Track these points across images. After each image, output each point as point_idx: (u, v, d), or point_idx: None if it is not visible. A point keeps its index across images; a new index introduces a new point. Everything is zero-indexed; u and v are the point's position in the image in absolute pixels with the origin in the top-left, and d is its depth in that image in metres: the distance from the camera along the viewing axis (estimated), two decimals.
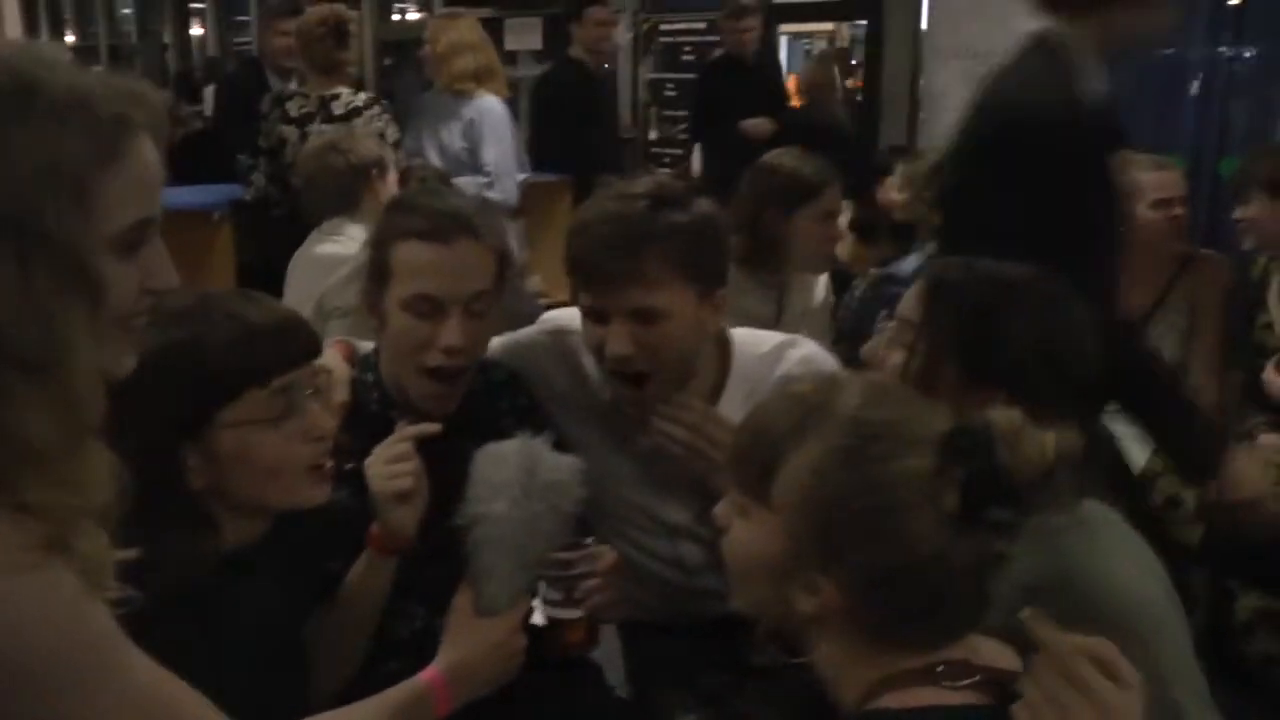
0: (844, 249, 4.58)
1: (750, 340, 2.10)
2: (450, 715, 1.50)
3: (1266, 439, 2.83)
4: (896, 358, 1.64)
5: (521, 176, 5.00)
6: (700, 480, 1.92)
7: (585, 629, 1.71)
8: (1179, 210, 3.36)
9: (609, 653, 2.24)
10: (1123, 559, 1.48)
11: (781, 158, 3.34)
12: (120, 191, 1.06)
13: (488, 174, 4.73)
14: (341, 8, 4.70)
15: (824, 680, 1.25)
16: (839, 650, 1.22)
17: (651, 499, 2.07)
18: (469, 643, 1.50)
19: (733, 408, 1.97)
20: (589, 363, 2.06)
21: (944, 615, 1.18)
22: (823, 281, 3.47)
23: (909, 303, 1.66)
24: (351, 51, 4.68)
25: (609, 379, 1.94)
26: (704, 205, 1.92)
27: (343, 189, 3.55)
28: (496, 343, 2.09)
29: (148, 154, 1.09)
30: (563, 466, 1.56)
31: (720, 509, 1.34)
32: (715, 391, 2.00)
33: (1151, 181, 3.31)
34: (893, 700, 1.15)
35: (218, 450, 1.43)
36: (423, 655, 1.56)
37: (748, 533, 1.27)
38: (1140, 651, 1.36)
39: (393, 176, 3.75)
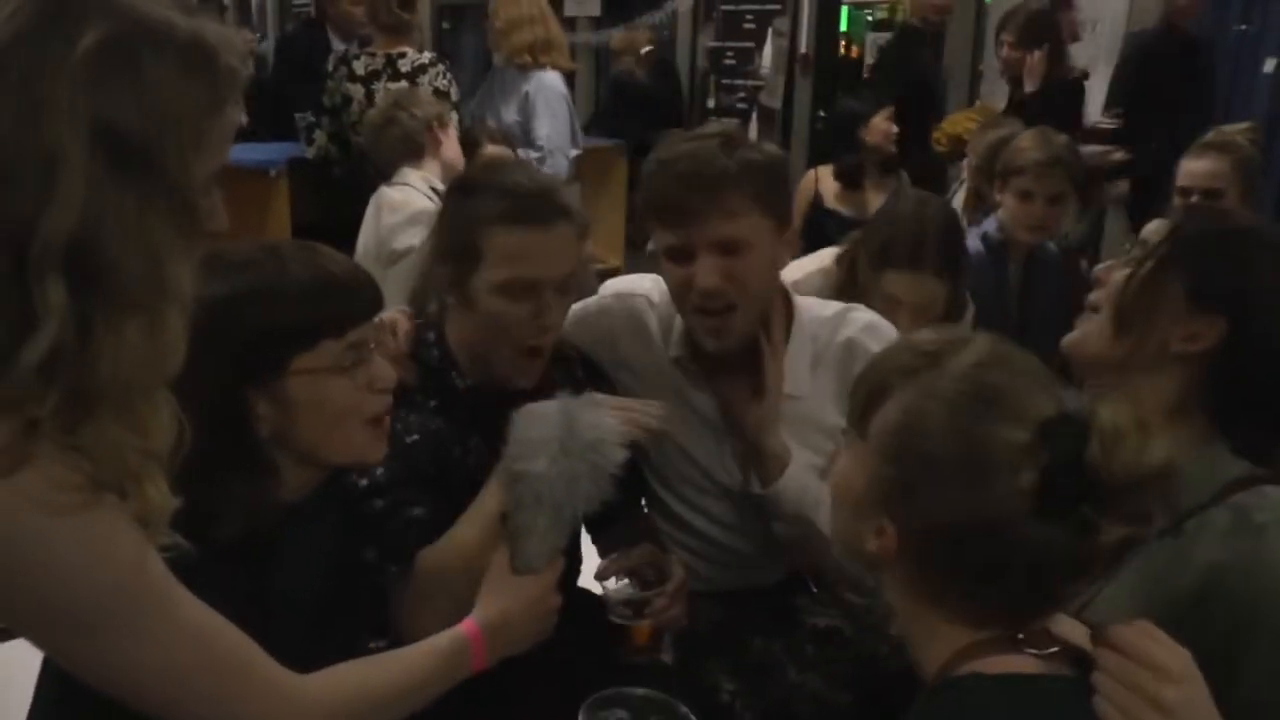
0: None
1: (813, 302, 2.15)
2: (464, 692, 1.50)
3: None
4: (1121, 272, 1.62)
5: (575, 152, 5.00)
6: (757, 441, 1.97)
7: (650, 635, 1.81)
8: (1194, 202, 3.31)
9: None
10: None
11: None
12: (217, 140, 1.10)
13: (539, 148, 4.74)
14: None
15: (905, 641, 1.25)
16: (912, 608, 1.22)
17: (711, 459, 2.09)
18: (505, 599, 1.49)
19: (798, 364, 2.04)
20: (654, 323, 2.12)
21: (1000, 591, 1.16)
22: None
23: (1152, 231, 1.65)
24: (417, 14, 4.74)
25: (693, 318, 1.97)
26: (769, 148, 2.00)
27: (406, 141, 3.84)
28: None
29: (236, 105, 1.13)
30: (602, 426, 1.55)
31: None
32: (781, 344, 2.03)
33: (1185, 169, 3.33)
34: (981, 666, 1.14)
35: (289, 397, 1.43)
36: None
37: (844, 462, 1.29)
38: None
39: (453, 130, 4.00)
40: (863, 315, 2.11)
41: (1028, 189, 3.30)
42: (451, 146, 3.93)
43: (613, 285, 2.25)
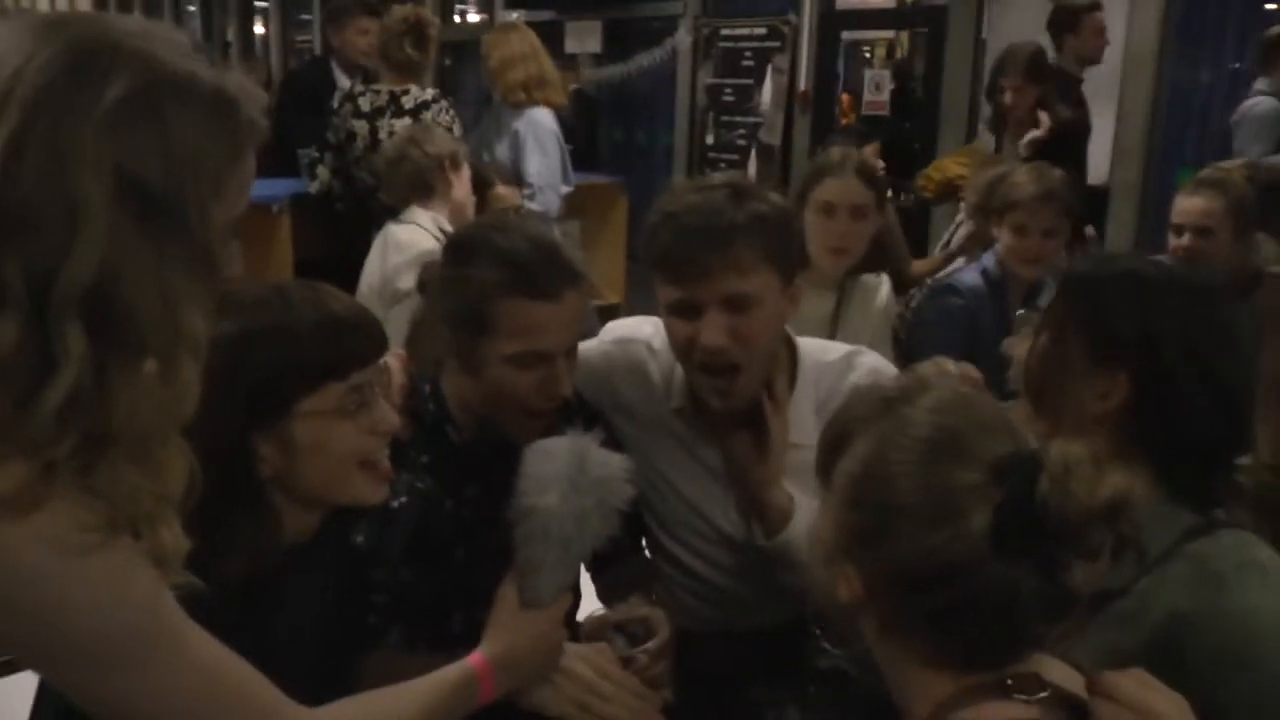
0: None
1: (816, 347, 2.12)
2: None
3: None
4: (1026, 344, 1.64)
5: (566, 189, 5.02)
6: (759, 496, 1.95)
7: None
8: (1186, 240, 3.34)
9: None
10: None
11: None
12: (236, 190, 1.13)
13: (529, 185, 4.76)
14: (425, 11, 4.80)
15: (890, 688, 1.25)
16: (885, 654, 1.22)
17: (714, 508, 2.07)
18: (513, 633, 1.50)
19: (803, 412, 2.00)
20: (655, 370, 2.09)
21: (966, 636, 1.16)
22: (883, 287, 3.42)
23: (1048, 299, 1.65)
24: (428, 55, 4.79)
25: (696, 376, 1.94)
26: (776, 198, 1.96)
27: (417, 179, 3.83)
28: None
29: (254, 156, 1.15)
30: (612, 463, 1.57)
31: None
32: (785, 393, 2.01)
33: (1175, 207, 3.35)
34: (970, 715, 1.14)
35: (293, 440, 1.44)
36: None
37: (819, 512, 1.30)
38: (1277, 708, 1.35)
39: (465, 170, 3.98)
40: (868, 360, 2.09)
41: (1022, 223, 3.31)
42: (463, 187, 3.93)
43: (613, 330, 2.23)
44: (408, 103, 4.57)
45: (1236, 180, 3.45)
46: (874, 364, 2.08)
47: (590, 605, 1.99)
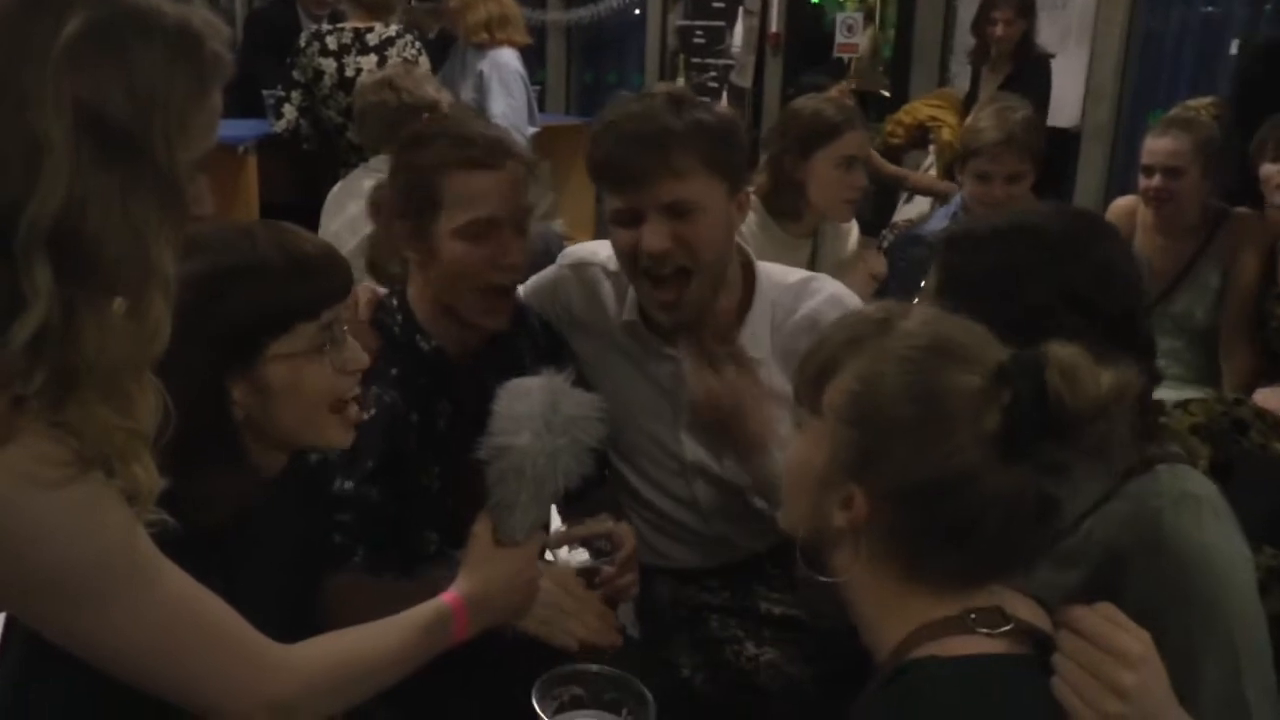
0: None
1: (776, 270, 2.12)
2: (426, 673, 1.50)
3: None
4: None
5: (532, 129, 4.98)
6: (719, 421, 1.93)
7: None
8: (1156, 181, 3.36)
9: None
10: (1220, 541, 1.45)
11: (809, 100, 3.31)
12: (203, 126, 1.13)
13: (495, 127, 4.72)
14: None
15: (858, 624, 1.25)
16: (871, 584, 1.22)
17: (668, 433, 2.07)
18: (487, 571, 1.51)
19: (759, 329, 2.01)
20: (608, 291, 2.10)
21: (973, 549, 1.17)
22: (854, 231, 3.44)
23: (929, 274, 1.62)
24: None
25: (645, 287, 1.94)
26: (721, 108, 1.95)
27: (392, 125, 3.55)
28: (523, 286, 2.12)
29: (220, 91, 1.15)
30: (585, 402, 1.57)
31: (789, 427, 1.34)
32: (741, 310, 2.02)
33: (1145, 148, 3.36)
34: (937, 649, 1.15)
35: (266, 383, 1.44)
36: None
37: (799, 443, 1.29)
38: (1222, 637, 1.37)
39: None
40: (826, 285, 2.09)
41: (985, 170, 3.31)
42: None
43: (570, 253, 2.24)
44: (372, 39, 4.53)
45: (1204, 119, 3.46)
46: (833, 290, 2.08)
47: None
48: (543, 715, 1.53)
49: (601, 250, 2.13)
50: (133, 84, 1.05)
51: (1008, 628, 1.16)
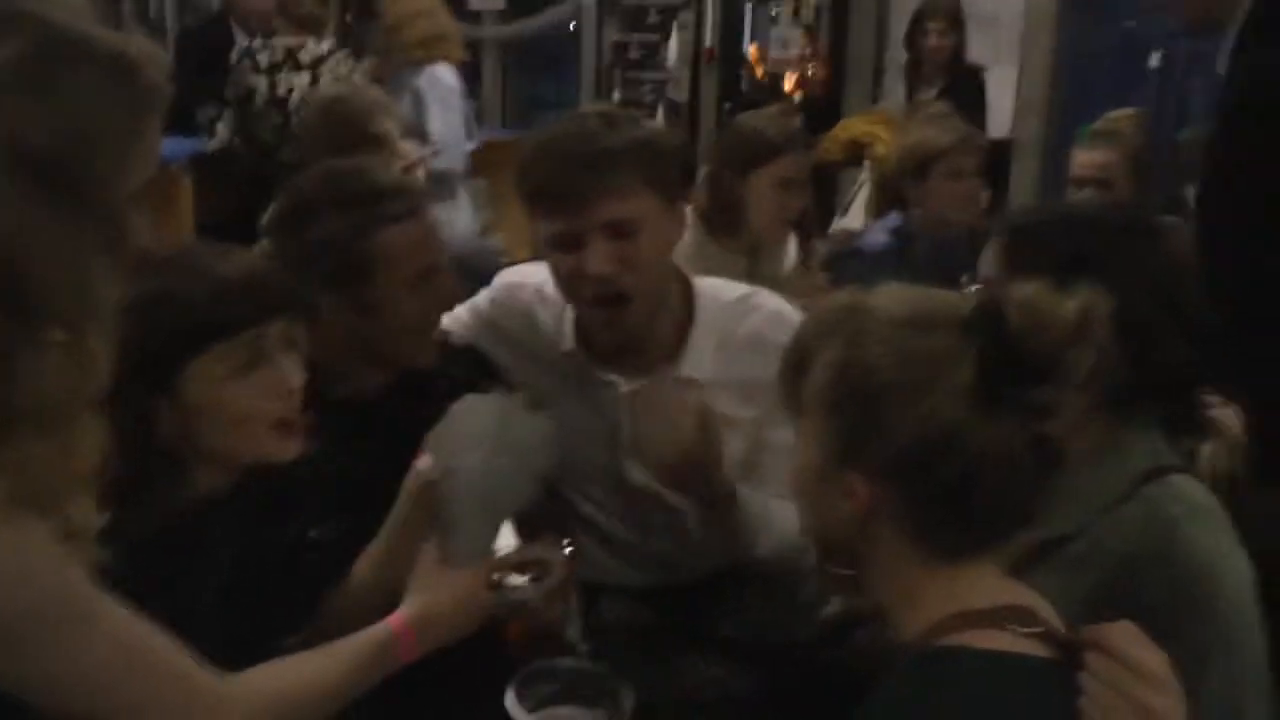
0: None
1: (714, 285, 2.08)
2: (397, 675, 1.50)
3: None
4: None
5: (470, 145, 4.96)
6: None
7: (523, 634, 1.80)
8: (1087, 194, 3.37)
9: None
10: (1231, 553, 1.46)
11: (750, 118, 3.32)
12: (142, 156, 1.10)
13: (433, 143, 4.70)
14: None
15: (885, 618, 1.25)
16: (891, 571, 1.21)
17: (613, 457, 2.04)
18: (434, 593, 1.50)
19: (702, 350, 1.97)
20: (544, 315, 2.05)
21: (977, 507, 1.17)
22: (792, 248, 3.45)
23: (990, 260, 1.62)
24: (329, 9, 4.67)
25: (585, 311, 1.92)
26: (651, 123, 1.94)
27: (329, 150, 3.28)
28: (451, 314, 2.09)
29: (159, 120, 1.13)
30: (535, 423, 1.57)
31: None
32: (681, 329, 1.99)
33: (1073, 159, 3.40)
34: (968, 639, 1.15)
35: (185, 400, 1.45)
36: None
37: (795, 451, 1.28)
38: (1224, 650, 1.39)
39: (398, 147, 3.58)
40: (767, 301, 2.06)
41: (956, 168, 3.35)
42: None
43: (503, 277, 2.20)
44: (305, 57, 4.50)
45: (1128, 130, 3.51)
46: (775, 305, 2.05)
47: None
48: (518, 713, 1.52)
49: (534, 274, 2.09)
50: (65, 118, 1.03)
51: (1039, 630, 1.16)
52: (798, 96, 6.28)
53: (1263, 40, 2.39)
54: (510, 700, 1.54)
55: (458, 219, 4.61)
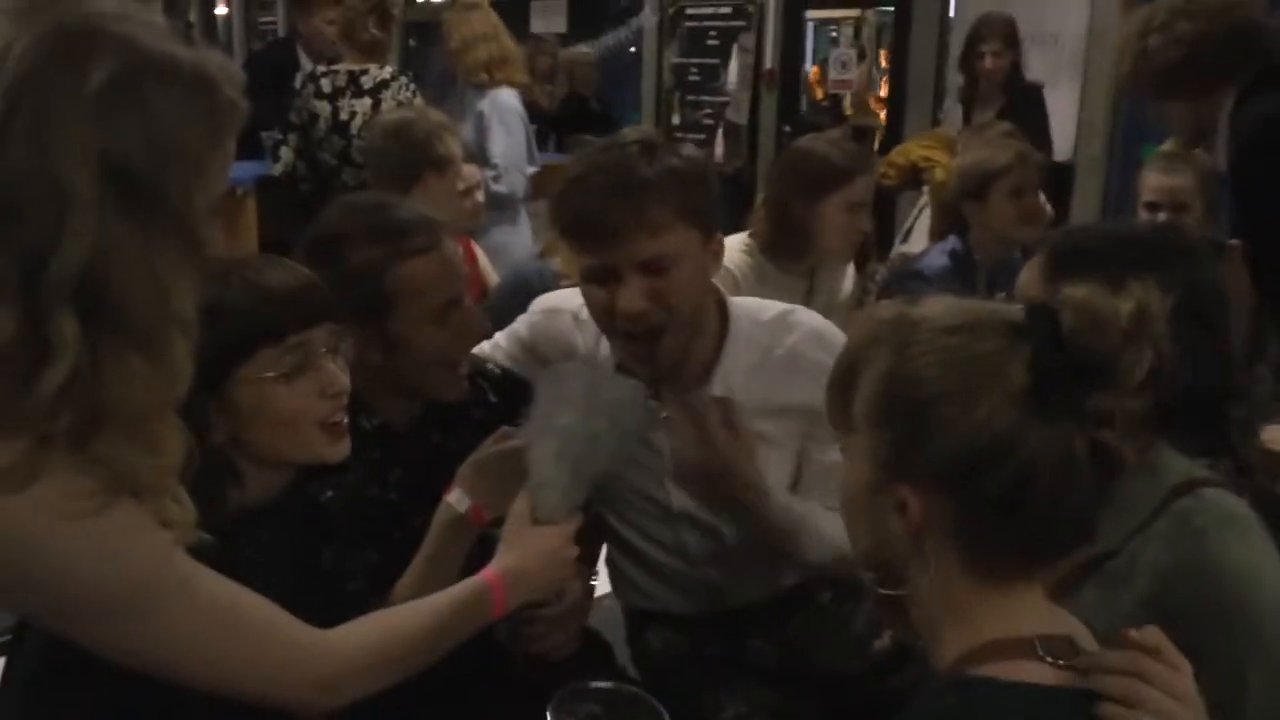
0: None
1: (751, 306, 2.05)
2: (459, 686, 1.53)
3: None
4: None
5: (532, 169, 5.00)
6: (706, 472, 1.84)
7: (529, 661, 1.80)
8: (1163, 217, 3.32)
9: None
10: (1264, 560, 1.44)
11: (814, 142, 3.32)
12: (218, 170, 1.15)
13: (494, 166, 4.73)
14: None
15: (923, 637, 1.22)
16: (941, 590, 1.17)
17: (652, 481, 2.02)
18: (525, 549, 1.52)
19: (734, 369, 1.95)
20: (581, 341, 2.04)
21: (1031, 520, 1.13)
22: (850, 271, 3.45)
23: (1026, 279, 1.61)
24: (391, 34, 4.72)
25: (619, 342, 1.90)
26: (690, 150, 1.91)
27: (402, 175, 3.38)
28: (488, 344, 2.11)
29: (234, 136, 1.17)
30: (626, 387, 1.58)
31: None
32: (715, 351, 1.96)
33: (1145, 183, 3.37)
34: (996, 670, 1.12)
35: (236, 403, 1.49)
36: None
37: (845, 468, 1.25)
38: (1267, 657, 1.37)
39: (461, 170, 3.56)
40: (805, 319, 2.02)
41: (1017, 185, 3.30)
42: (442, 199, 3.37)
43: (541, 302, 2.19)
44: (367, 82, 4.54)
45: (1200, 155, 3.47)
46: (813, 323, 2.01)
47: None
48: None
49: (572, 299, 2.06)
50: (153, 134, 1.07)
51: (1074, 663, 1.13)
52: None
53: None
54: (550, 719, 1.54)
55: (518, 242, 4.63)
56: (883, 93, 7.79)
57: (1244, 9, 2.40)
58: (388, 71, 4.61)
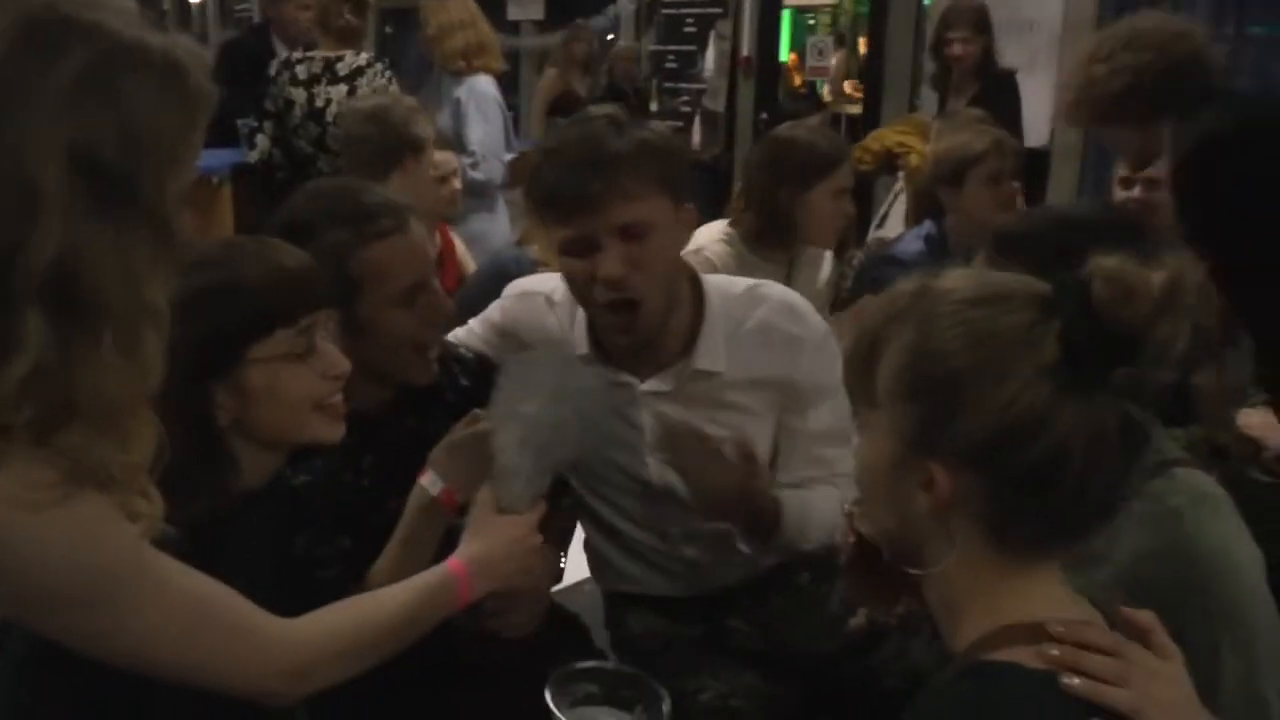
0: None
1: (722, 282, 2.09)
2: (439, 670, 1.54)
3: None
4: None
5: (509, 156, 4.99)
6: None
7: (481, 639, 1.78)
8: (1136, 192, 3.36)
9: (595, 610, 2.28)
10: (1237, 539, 1.46)
11: (795, 131, 3.32)
12: (189, 158, 1.15)
13: (472, 154, 4.73)
14: None
15: (940, 619, 1.20)
16: (964, 568, 1.15)
17: (630, 456, 2.04)
18: (490, 537, 1.53)
19: (714, 343, 1.98)
20: (555, 322, 2.06)
21: (1061, 498, 1.11)
22: (828, 258, 3.46)
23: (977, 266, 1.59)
24: (366, 21, 4.71)
25: (598, 314, 1.93)
26: (656, 124, 1.95)
27: (378, 161, 3.38)
28: (462, 329, 2.14)
29: (204, 123, 1.16)
30: (591, 375, 1.59)
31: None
32: (693, 325, 1.99)
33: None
34: (1020, 656, 1.10)
35: (247, 386, 1.49)
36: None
37: (865, 443, 1.24)
38: (1241, 635, 1.39)
39: (434, 157, 3.55)
40: (774, 292, 2.06)
41: (994, 171, 3.30)
42: (421, 183, 3.42)
43: (514, 286, 2.21)
44: (342, 69, 4.52)
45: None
46: (782, 295, 2.06)
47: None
48: (557, 711, 1.54)
49: (544, 283, 2.11)
50: (127, 124, 1.06)
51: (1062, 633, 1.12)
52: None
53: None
54: (549, 698, 1.55)
55: (495, 230, 4.63)
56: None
57: (1189, 40, 2.42)
58: (363, 58, 4.60)
